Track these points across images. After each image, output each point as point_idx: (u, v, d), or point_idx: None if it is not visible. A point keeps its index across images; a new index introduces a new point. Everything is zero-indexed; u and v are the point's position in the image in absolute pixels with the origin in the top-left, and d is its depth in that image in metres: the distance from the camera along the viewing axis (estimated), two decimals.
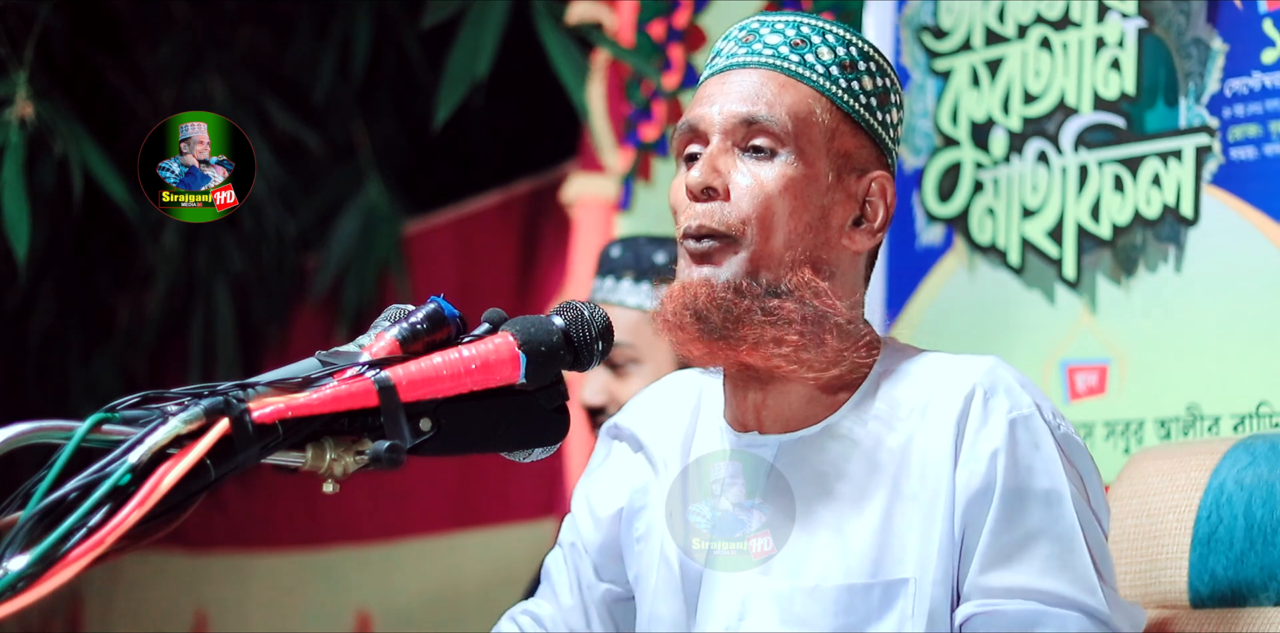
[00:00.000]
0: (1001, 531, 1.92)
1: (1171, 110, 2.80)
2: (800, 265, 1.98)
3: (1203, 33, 2.76)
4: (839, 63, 2.02)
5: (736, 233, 1.97)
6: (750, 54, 2.04)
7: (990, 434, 1.93)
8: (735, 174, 1.99)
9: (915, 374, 2.01)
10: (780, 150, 1.99)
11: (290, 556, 5.56)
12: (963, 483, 1.93)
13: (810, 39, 2.03)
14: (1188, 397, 2.74)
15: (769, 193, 1.97)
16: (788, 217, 1.97)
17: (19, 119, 3.72)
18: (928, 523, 1.94)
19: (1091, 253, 2.89)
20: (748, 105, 2.00)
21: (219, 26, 5.03)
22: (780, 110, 1.99)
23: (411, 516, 5.04)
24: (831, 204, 2.00)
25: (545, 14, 4.12)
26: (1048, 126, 2.98)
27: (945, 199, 3.14)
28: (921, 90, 3.21)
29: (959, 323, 3.11)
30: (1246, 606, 2.26)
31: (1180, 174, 2.77)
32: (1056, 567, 1.91)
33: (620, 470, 2.17)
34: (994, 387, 1.96)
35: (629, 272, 3.07)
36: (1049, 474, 1.93)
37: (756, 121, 1.99)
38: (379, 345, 1.73)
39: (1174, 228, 2.78)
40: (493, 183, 4.93)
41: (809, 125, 1.99)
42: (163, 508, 1.54)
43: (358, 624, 5.19)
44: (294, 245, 5.19)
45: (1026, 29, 3.02)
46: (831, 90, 2.01)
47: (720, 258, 1.97)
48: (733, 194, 1.98)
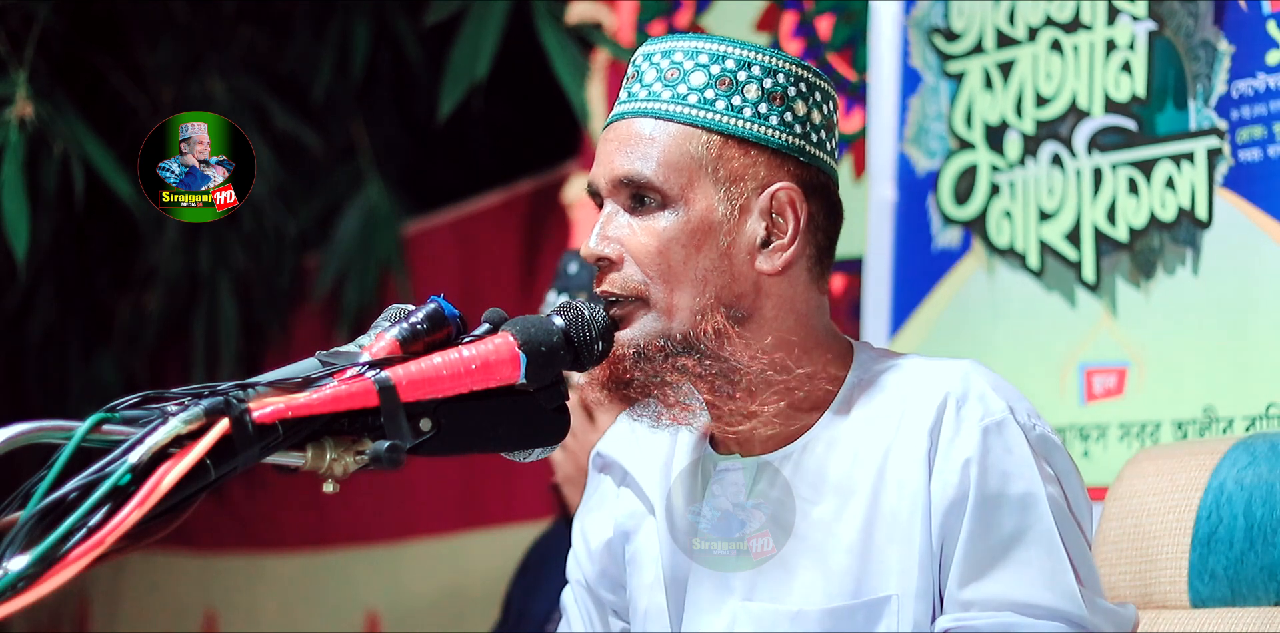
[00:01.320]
0: (977, 540, 1.91)
1: (1181, 113, 2.79)
2: (711, 311, 1.95)
3: (1210, 35, 2.75)
4: (714, 83, 1.98)
5: (641, 294, 1.95)
6: (628, 99, 2.01)
7: (963, 443, 1.92)
8: (626, 235, 1.96)
9: (889, 384, 1.99)
10: (665, 199, 1.96)
11: (299, 556, 5.57)
12: (938, 494, 1.92)
13: (682, 66, 1.99)
14: (1204, 399, 2.73)
15: (661, 247, 1.95)
16: (685, 265, 1.95)
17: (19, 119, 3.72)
18: (906, 537, 1.93)
19: (1110, 256, 2.89)
20: (623, 165, 1.97)
21: (219, 26, 5.03)
22: (652, 163, 1.96)
23: (418, 516, 5.05)
24: (732, 236, 1.97)
25: (545, 14, 4.12)
26: (1061, 129, 2.97)
27: (962, 202, 3.14)
28: (935, 93, 3.20)
29: (977, 326, 3.11)
30: (1246, 606, 2.26)
31: (1193, 176, 2.76)
32: (1033, 575, 1.90)
33: (606, 501, 2.16)
34: (965, 394, 1.94)
35: (583, 292, 2.99)
36: (1024, 479, 1.91)
37: (632, 180, 1.96)
38: (379, 345, 1.73)
39: (1190, 230, 2.77)
40: (493, 183, 4.93)
41: (685, 166, 1.96)
42: (163, 508, 1.54)
43: (366, 624, 5.19)
44: (294, 245, 5.19)
45: (1037, 31, 3.02)
46: (707, 118, 1.97)
47: (631, 318, 1.96)
48: (627, 256, 1.96)
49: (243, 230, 5.02)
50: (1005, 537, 1.90)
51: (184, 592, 5.95)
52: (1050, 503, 1.91)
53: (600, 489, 2.18)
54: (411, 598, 5.06)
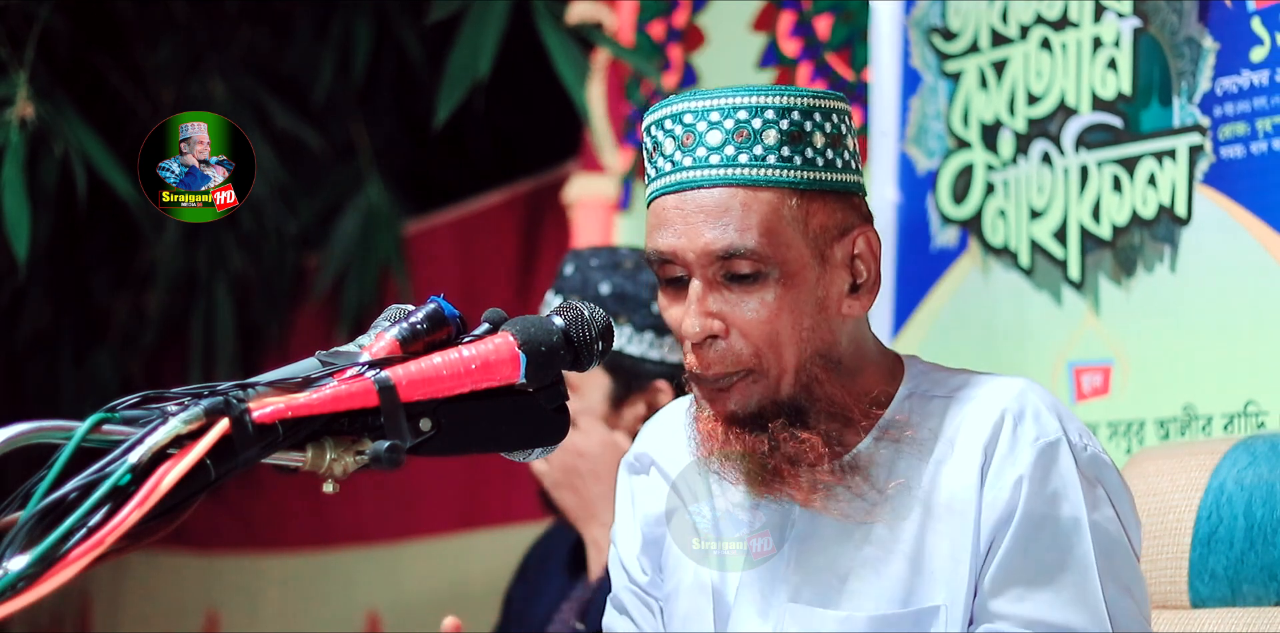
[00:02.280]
0: (1016, 556, 1.92)
1: (1166, 110, 2.80)
2: (812, 367, 1.96)
3: (1194, 31, 2.76)
4: (787, 138, 1.93)
5: (749, 366, 1.95)
6: (698, 166, 1.94)
7: (1016, 461, 1.93)
8: (728, 309, 1.94)
9: (943, 399, 2.00)
10: (764, 271, 1.93)
11: (300, 556, 5.56)
12: (988, 509, 1.93)
13: (751, 125, 1.93)
14: (1184, 397, 2.74)
15: (768, 321, 1.93)
16: (791, 331, 1.94)
17: (19, 119, 3.72)
18: (956, 550, 1.94)
19: (1094, 253, 2.89)
20: (719, 239, 1.92)
21: (219, 26, 5.03)
22: (753, 234, 1.92)
23: (419, 516, 5.05)
24: (825, 290, 1.96)
25: (545, 13, 4.11)
26: (1050, 127, 2.97)
27: (959, 201, 3.14)
28: (934, 92, 3.20)
29: (973, 325, 3.11)
30: (1246, 606, 2.26)
31: (1174, 174, 2.77)
32: (1068, 599, 1.90)
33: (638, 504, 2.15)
34: (1022, 413, 1.95)
35: (574, 295, 2.97)
36: (1070, 502, 1.92)
37: (732, 255, 1.92)
38: (379, 345, 1.73)
39: (1169, 228, 2.78)
40: (493, 183, 4.92)
41: (782, 232, 1.93)
42: (163, 508, 1.54)
43: (368, 624, 5.19)
44: (294, 245, 5.19)
45: (1028, 30, 3.02)
46: (791, 177, 1.93)
47: (741, 391, 1.95)
48: (732, 331, 1.94)
49: (242, 230, 5.02)
50: (1044, 556, 1.91)
51: (185, 592, 5.95)
52: (1093, 528, 1.92)
53: (633, 493, 2.17)
54: (412, 598, 5.06)
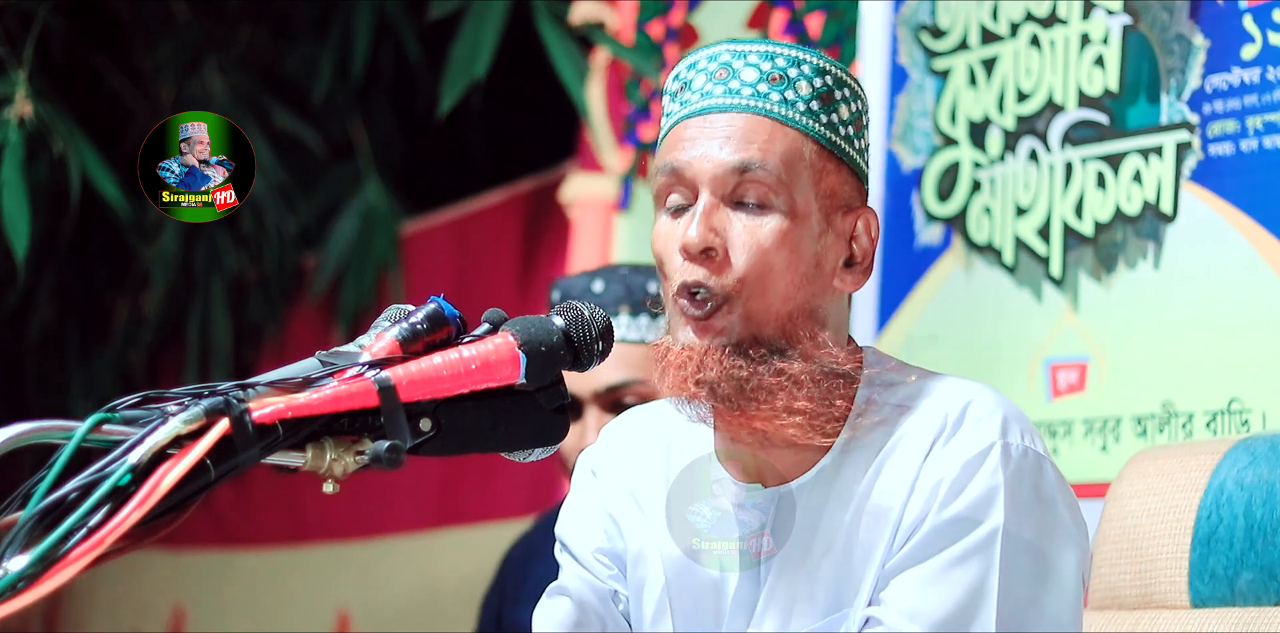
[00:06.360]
0: (918, 551, 1.89)
1: (1153, 107, 2.80)
2: (799, 317, 1.94)
3: (1185, 29, 2.75)
4: (818, 96, 1.95)
5: (734, 291, 1.92)
6: (729, 94, 1.95)
7: (943, 466, 1.90)
8: (730, 231, 1.93)
9: (898, 406, 1.97)
10: (772, 201, 1.93)
11: (270, 553, 5.53)
12: (908, 514, 1.91)
13: (787, 73, 1.95)
14: (1163, 394, 2.73)
15: (765, 249, 1.92)
16: (784, 270, 1.92)
17: (18, 118, 3.72)
18: (873, 552, 1.92)
19: (1075, 250, 2.89)
20: (739, 153, 1.92)
21: (219, 26, 5.04)
22: (774, 159, 1.92)
23: (393, 513, 5.01)
24: (824, 250, 1.96)
25: (545, 12, 4.12)
26: (1038, 124, 2.98)
27: (944, 199, 3.14)
28: (921, 90, 3.21)
29: (955, 324, 3.11)
30: (1246, 606, 2.26)
31: (1161, 171, 2.77)
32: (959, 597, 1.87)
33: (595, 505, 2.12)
34: (961, 420, 1.93)
35: (623, 306, 2.93)
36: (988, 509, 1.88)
37: (749, 170, 1.92)
38: (379, 345, 1.73)
39: (1153, 224, 2.78)
40: (492, 182, 4.93)
41: (799, 171, 1.93)
42: (163, 508, 1.54)
43: (338, 623, 5.16)
44: (293, 245, 5.19)
45: (1018, 27, 3.02)
46: (815, 129, 1.95)
47: (720, 320, 1.93)
48: (730, 253, 1.92)
49: (240, 230, 5.02)
50: (945, 555, 1.88)
51: (152, 588, 5.87)
52: (1007, 537, 1.88)
53: (590, 493, 2.14)
54: (384, 597, 5.02)
